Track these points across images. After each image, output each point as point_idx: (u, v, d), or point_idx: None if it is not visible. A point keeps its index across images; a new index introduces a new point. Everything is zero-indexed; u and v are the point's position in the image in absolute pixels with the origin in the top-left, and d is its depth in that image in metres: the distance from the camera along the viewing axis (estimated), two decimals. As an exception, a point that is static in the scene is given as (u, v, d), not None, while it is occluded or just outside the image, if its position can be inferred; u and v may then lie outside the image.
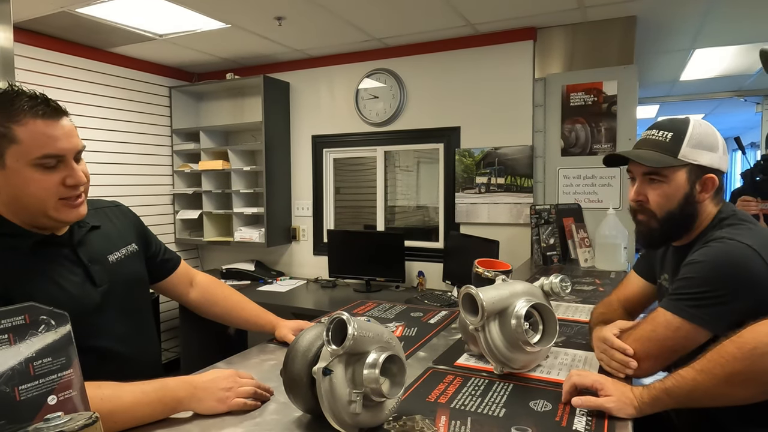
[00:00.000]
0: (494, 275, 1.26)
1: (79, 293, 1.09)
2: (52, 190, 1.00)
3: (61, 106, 1.03)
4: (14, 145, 0.96)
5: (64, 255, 1.10)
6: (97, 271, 1.14)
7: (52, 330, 0.72)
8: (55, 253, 1.09)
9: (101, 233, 1.21)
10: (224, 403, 0.98)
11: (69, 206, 1.04)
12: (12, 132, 0.96)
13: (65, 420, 0.64)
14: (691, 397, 0.94)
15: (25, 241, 1.04)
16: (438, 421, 0.94)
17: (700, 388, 0.93)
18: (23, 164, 0.97)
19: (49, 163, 0.99)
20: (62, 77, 3.22)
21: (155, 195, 3.89)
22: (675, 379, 0.96)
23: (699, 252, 1.12)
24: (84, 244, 1.15)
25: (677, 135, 1.18)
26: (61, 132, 1.00)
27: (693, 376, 0.94)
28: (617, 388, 0.98)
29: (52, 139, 0.98)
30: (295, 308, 3.10)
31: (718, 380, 0.92)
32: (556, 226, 2.75)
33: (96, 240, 1.18)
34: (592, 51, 2.97)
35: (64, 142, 1.00)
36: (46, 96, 1.01)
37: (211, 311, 1.47)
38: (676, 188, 1.18)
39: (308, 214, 3.86)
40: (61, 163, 1.01)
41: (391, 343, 0.93)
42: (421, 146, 3.52)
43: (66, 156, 1.01)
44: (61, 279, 1.07)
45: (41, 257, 1.06)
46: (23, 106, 0.96)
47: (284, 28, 2.98)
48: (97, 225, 1.20)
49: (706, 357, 0.95)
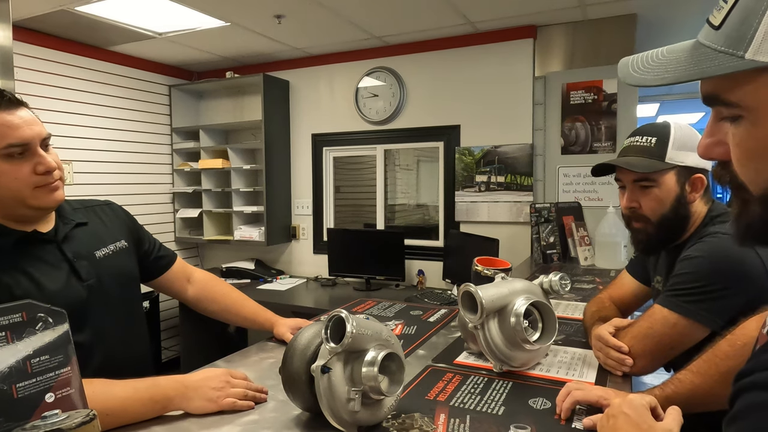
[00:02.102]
0: (494, 273, 1.26)
1: (65, 289, 1.08)
2: (25, 179, 1.02)
3: (16, 97, 1.04)
4: None
5: (49, 251, 1.10)
6: (84, 266, 1.14)
7: (50, 328, 0.72)
8: (40, 250, 1.09)
9: (88, 230, 1.21)
10: (214, 403, 0.98)
11: (45, 191, 1.05)
12: None
13: (63, 417, 0.64)
14: (690, 402, 0.92)
15: (8, 238, 1.04)
16: (437, 419, 0.94)
17: (698, 391, 0.92)
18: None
19: (14, 153, 1.00)
20: (62, 76, 3.21)
21: (155, 194, 3.89)
22: (674, 384, 0.94)
23: (694, 247, 1.13)
24: (69, 240, 1.15)
25: (661, 139, 1.19)
26: (21, 121, 1.01)
27: (690, 379, 0.93)
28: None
29: (12, 128, 0.99)
30: (295, 307, 3.10)
31: (714, 380, 0.91)
32: (556, 224, 2.75)
33: (83, 236, 1.18)
34: (592, 49, 2.97)
35: (25, 130, 1.01)
36: (2, 89, 1.02)
37: (210, 308, 1.46)
38: (668, 191, 1.19)
39: (308, 213, 3.86)
40: (27, 151, 1.02)
41: (390, 341, 0.93)
42: (421, 145, 3.52)
43: (30, 144, 1.02)
44: (45, 276, 1.06)
45: (25, 254, 1.06)
46: None
47: (284, 26, 2.98)
48: (83, 222, 1.21)
49: (702, 358, 0.94)
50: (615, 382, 1.11)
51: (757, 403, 0.44)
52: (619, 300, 1.45)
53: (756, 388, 0.45)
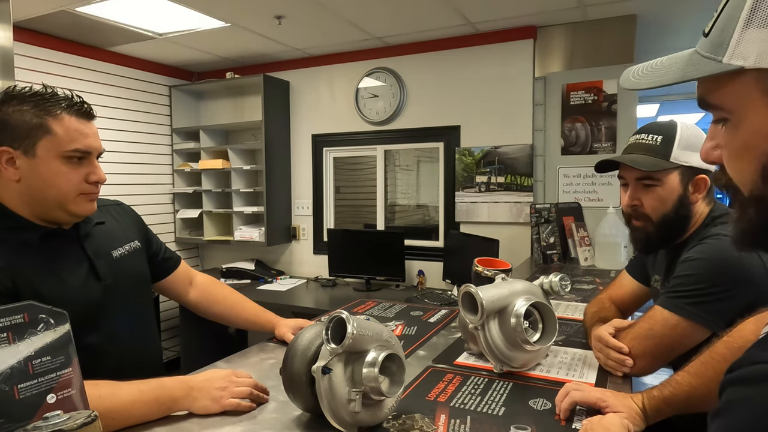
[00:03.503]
0: (494, 274, 1.26)
1: (83, 287, 1.10)
2: (76, 184, 1.07)
3: (93, 110, 1.11)
4: (48, 137, 1.03)
5: (70, 248, 1.12)
6: (102, 265, 1.15)
7: (51, 329, 0.72)
8: (62, 247, 1.11)
9: (105, 229, 1.23)
10: (218, 403, 0.98)
11: (86, 200, 1.10)
12: (48, 124, 1.03)
13: (64, 418, 0.64)
14: (688, 404, 0.92)
15: (33, 234, 1.06)
16: (437, 420, 0.94)
17: (695, 393, 0.91)
18: (53, 155, 1.04)
19: (76, 158, 1.06)
20: (62, 76, 3.21)
21: (155, 194, 3.89)
22: (672, 386, 0.94)
23: (695, 249, 1.12)
24: (89, 238, 1.16)
25: (667, 138, 1.18)
26: (91, 131, 1.10)
27: (688, 381, 0.93)
28: (622, 402, 0.94)
29: (83, 135, 1.07)
30: (295, 307, 3.10)
31: (711, 382, 0.90)
32: (556, 224, 2.75)
33: (100, 235, 1.20)
34: (592, 50, 2.97)
35: (92, 140, 1.09)
36: (83, 99, 1.09)
37: (211, 311, 1.47)
38: (670, 191, 1.19)
39: (308, 213, 3.86)
40: (85, 159, 1.08)
41: (391, 341, 0.93)
42: (421, 145, 3.52)
43: (91, 154, 1.09)
44: (66, 273, 1.08)
45: (49, 250, 1.08)
46: (61, 103, 1.05)
47: (284, 26, 2.98)
48: (101, 221, 1.22)
49: (699, 359, 0.94)
50: (615, 382, 1.11)
51: (741, 398, 0.44)
52: (619, 300, 1.45)
53: (740, 383, 0.45)
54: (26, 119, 1.01)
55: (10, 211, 1.06)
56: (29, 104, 1.02)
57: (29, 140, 1.01)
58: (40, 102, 1.03)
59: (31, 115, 1.02)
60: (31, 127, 1.01)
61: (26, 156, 1.02)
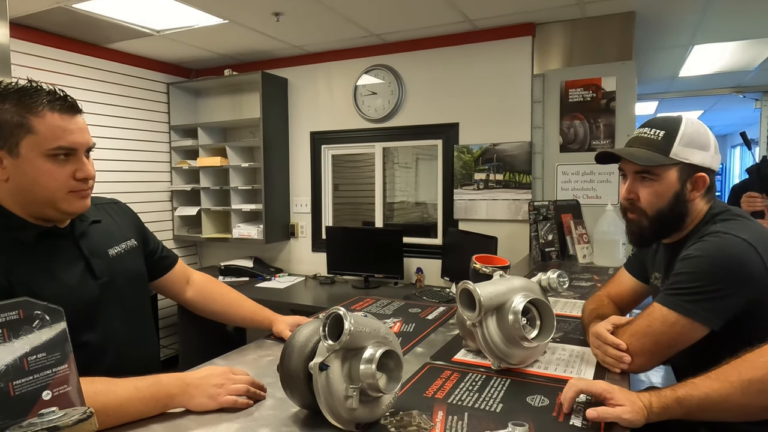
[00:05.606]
0: (492, 271, 1.26)
1: (79, 285, 1.09)
2: (63, 182, 1.04)
3: (77, 103, 1.07)
4: (30, 135, 1.00)
5: (66, 247, 1.11)
6: (98, 263, 1.15)
7: (47, 325, 0.71)
8: (58, 245, 1.10)
9: (101, 227, 1.22)
10: (214, 400, 0.98)
11: (77, 197, 1.07)
12: (29, 122, 1.00)
13: (60, 415, 0.64)
14: (702, 408, 0.91)
15: (28, 233, 1.06)
16: (435, 417, 0.94)
17: (713, 396, 0.90)
18: (37, 154, 1.01)
19: (61, 155, 1.03)
20: (59, 73, 3.20)
21: (153, 192, 3.88)
22: (687, 386, 0.92)
23: (695, 246, 1.12)
24: (85, 237, 1.16)
25: (669, 133, 1.17)
26: (75, 127, 1.05)
27: (708, 384, 0.91)
28: (627, 397, 0.93)
29: (66, 132, 1.03)
30: (294, 305, 3.10)
31: (733, 386, 0.89)
32: (555, 222, 2.75)
33: (96, 234, 1.19)
34: (590, 47, 2.97)
35: (77, 136, 1.05)
36: (66, 93, 1.05)
37: (208, 309, 1.47)
38: (667, 187, 1.18)
39: (307, 211, 3.86)
40: (72, 156, 1.05)
41: (388, 338, 0.93)
42: (419, 142, 3.52)
43: (78, 150, 1.06)
44: (62, 271, 1.08)
45: (44, 249, 1.07)
46: (42, 100, 1.01)
47: (282, 23, 2.97)
48: (98, 219, 1.22)
49: (726, 365, 0.93)
50: (613, 379, 1.11)
51: None
52: (617, 298, 1.45)
53: None
54: (7, 118, 0.99)
55: (5, 209, 1.05)
56: (11, 102, 0.99)
57: (12, 139, 0.99)
58: (22, 99, 1.00)
59: (12, 113, 0.99)
60: (12, 126, 0.99)
61: (11, 156, 1.00)
